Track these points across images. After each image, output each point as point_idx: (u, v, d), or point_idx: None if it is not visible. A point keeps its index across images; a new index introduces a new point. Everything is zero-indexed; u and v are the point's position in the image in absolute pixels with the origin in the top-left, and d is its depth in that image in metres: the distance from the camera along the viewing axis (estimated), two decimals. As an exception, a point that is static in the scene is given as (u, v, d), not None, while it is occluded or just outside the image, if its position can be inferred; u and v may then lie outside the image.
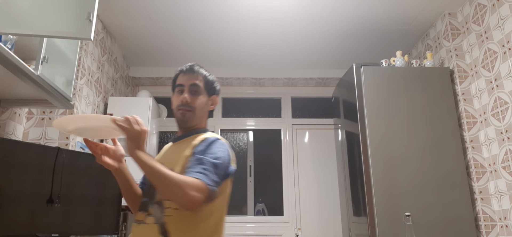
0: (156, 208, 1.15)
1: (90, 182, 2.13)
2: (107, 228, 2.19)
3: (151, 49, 3.27)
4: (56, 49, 1.83)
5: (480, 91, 2.51)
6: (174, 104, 1.31)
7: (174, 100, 1.31)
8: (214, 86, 1.35)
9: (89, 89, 2.64)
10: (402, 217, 2.25)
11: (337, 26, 2.93)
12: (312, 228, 3.43)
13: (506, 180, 2.25)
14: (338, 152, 2.97)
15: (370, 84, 2.51)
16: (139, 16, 2.76)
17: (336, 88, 3.04)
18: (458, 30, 2.73)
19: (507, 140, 2.25)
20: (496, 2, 2.35)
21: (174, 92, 1.33)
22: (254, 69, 3.65)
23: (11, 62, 1.49)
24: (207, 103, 1.32)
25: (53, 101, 1.90)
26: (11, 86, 1.77)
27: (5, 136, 2.09)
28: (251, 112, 3.85)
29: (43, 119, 2.35)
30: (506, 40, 2.27)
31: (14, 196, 1.75)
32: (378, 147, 2.38)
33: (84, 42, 2.53)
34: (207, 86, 1.32)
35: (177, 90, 1.31)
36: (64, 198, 1.95)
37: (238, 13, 2.72)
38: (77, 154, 2.15)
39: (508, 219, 2.23)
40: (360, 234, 2.43)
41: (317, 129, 3.76)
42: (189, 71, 1.30)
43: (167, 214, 1.12)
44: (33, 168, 1.85)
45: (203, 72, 1.32)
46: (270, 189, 3.59)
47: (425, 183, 2.33)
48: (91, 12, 1.40)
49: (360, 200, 2.39)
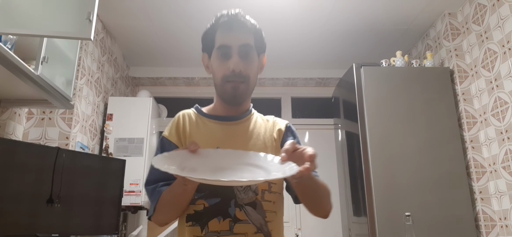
0: (251, 212, 0.90)
1: (90, 182, 2.12)
2: (107, 228, 2.19)
3: (151, 49, 3.27)
4: (56, 49, 1.83)
5: (480, 91, 2.51)
6: (219, 73, 0.95)
7: (218, 68, 0.95)
8: (263, 40, 1.03)
9: (89, 89, 2.64)
10: (402, 217, 2.24)
11: (337, 26, 2.93)
12: (312, 228, 3.43)
13: (506, 180, 2.25)
14: (338, 152, 2.97)
15: (370, 84, 2.51)
16: (139, 16, 2.76)
17: (336, 88, 3.04)
18: (458, 30, 2.73)
19: (507, 140, 2.25)
20: (496, 2, 2.35)
21: (211, 55, 0.98)
22: (254, 69, 3.65)
23: (11, 62, 1.49)
24: (257, 66, 1.00)
25: (53, 101, 1.90)
26: (11, 86, 1.77)
27: (5, 136, 2.09)
28: (251, 112, 3.85)
29: (43, 119, 2.35)
30: (506, 40, 2.27)
31: (14, 196, 1.75)
32: (378, 147, 2.38)
33: (84, 42, 2.53)
34: (257, 43, 0.99)
35: (219, 54, 0.95)
36: (64, 198, 1.95)
37: (238, 13, 2.72)
38: (77, 154, 2.15)
39: (508, 219, 2.23)
40: (360, 234, 2.43)
41: (317, 129, 3.76)
42: (237, 24, 0.95)
43: (268, 219, 0.93)
44: (33, 168, 1.85)
45: (252, 23, 0.98)
46: (270, 189, 3.58)
47: (425, 183, 2.33)
48: (91, 12, 1.40)
49: (360, 200, 2.39)
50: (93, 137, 2.72)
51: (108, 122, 2.83)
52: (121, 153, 2.74)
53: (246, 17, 0.98)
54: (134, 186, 2.68)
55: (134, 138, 2.80)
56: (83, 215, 2.06)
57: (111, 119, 2.84)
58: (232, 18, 0.96)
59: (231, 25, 0.95)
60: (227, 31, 0.95)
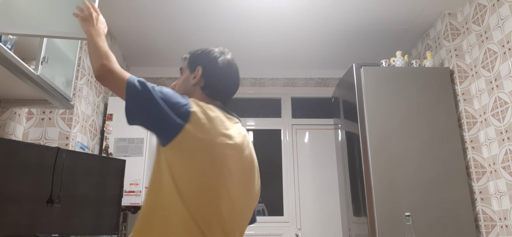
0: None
1: (90, 182, 2.13)
2: (107, 228, 2.19)
3: (151, 49, 3.27)
4: (56, 49, 1.83)
5: (480, 91, 2.51)
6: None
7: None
8: (197, 57, 1.21)
9: (89, 89, 2.64)
10: (402, 217, 2.24)
11: (337, 26, 2.93)
12: (312, 228, 3.43)
13: (506, 180, 2.25)
14: (338, 152, 2.97)
15: (370, 84, 2.51)
16: (139, 16, 2.76)
17: (336, 88, 3.04)
18: (458, 30, 2.73)
19: (507, 140, 2.25)
20: (496, 2, 2.35)
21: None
22: (254, 69, 3.65)
23: (11, 62, 1.50)
24: (187, 78, 1.20)
25: (53, 101, 1.90)
26: (11, 86, 1.77)
27: (5, 136, 2.09)
28: (251, 112, 3.85)
29: (43, 119, 2.35)
30: (506, 40, 2.27)
31: (14, 196, 1.75)
32: (378, 147, 2.38)
33: (84, 42, 2.53)
34: (190, 62, 1.22)
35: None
36: (64, 198, 1.95)
37: (239, 13, 2.72)
38: (77, 154, 2.15)
39: (508, 219, 2.23)
40: (360, 234, 2.43)
41: (317, 129, 3.77)
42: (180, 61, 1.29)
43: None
44: (33, 168, 1.85)
45: (190, 53, 1.25)
46: (270, 189, 3.59)
47: (425, 183, 2.33)
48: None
49: (360, 200, 2.39)
50: (93, 137, 2.73)
51: (108, 122, 2.83)
52: (121, 153, 2.75)
53: (191, 51, 1.26)
54: (134, 186, 2.68)
55: (134, 138, 2.80)
56: (83, 215, 2.06)
57: (111, 119, 2.85)
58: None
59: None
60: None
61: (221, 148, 1.01)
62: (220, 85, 1.18)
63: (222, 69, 1.18)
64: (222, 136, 1.03)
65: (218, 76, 1.17)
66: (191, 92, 1.18)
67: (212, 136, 1.00)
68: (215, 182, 0.98)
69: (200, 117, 1.00)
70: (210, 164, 0.98)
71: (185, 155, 0.97)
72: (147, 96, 0.98)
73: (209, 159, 0.98)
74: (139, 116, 0.99)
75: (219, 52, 1.21)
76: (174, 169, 0.97)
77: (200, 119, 1.00)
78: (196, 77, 1.17)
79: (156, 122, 0.98)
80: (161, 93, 1.00)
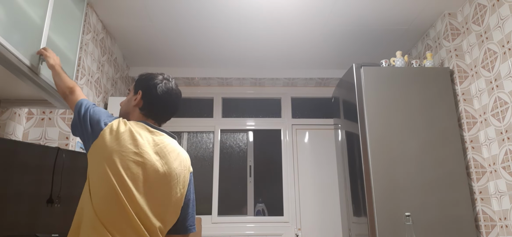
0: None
1: (90, 182, 2.12)
2: (107, 228, 2.18)
3: (151, 49, 3.27)
4: (56, 49, 1.83)
5: (480, 91, 2.51)
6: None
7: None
8: (141, 82, 1.41)
9: (89, 89, 2.64)
10: (402, 217, 2.25)
11: (337, 26, 2.93)
12: (312, 228, 3.43)
13: (506, 180, 2.25)
14: (338, 152, 2.97)
15: (370, 84, 2.51)
16: (139, 16, 2.76)
17: (336, 88, 3.04)
18: (458, 30, 2.73)
19: (507, 140, 2.25)
20: (496, 2, 2.35)
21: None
22: (254, 69, 3.65)
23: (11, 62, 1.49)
24: (130, 99, 1.41)
25: (53, 101, 1.90)
26: (11, 86, 1.77)
27: (5, 136, 2.09)
28: (251, 112, 3.85)
29: (43, 119, 2.35)
30: (506, 40, 2.27)
31: (14, 196, 1.75)
32: (378, 147, 2.38)
33: (84, 42, 2.53)
34: (135, 85, 1.42)
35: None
36: (64, 198, 1.95)
37: (238, 13, 2.72)
38: (77, 154, 2.15)
39: (508, 219, 2.23)
40: (360, 234, 2.43)
41: (317, 129, 3.77)
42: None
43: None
44: (33, 168, 1.85)
45: (138, 76, 1.45)
46: (270, 189, 3.59)
47: (425, 183, 2.33)
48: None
49: (360, 200, 2.40)
50: (93, 137, 2.72)
51: (108, 122, 2.82)
52: (121, 153, 2.74)
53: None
54: (134, 186, 2.67)
55: (134, 138, 2.79)
56: (83, 215, 2.06)
57: (111, 119, 2.84)
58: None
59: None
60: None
61: (124, 158, 1.18)
62: (155, 109, 1.37)
63: (160, 96, 1.37)
64: (127, 149, 1.20)
65: (155, 101, 1.37)
66: (131, 111, 1.39)
67: (116, 148, 1.19)
68: (116, 187, 1.14)
69: (107, 134, 1.22)
70: (112, 171, 1.15)
71: (92, 163, 1.18)
72: (81, 118, 1.29)
73: (111, 167, 1.16)
74: (77, 132, 1.30)
75: (160, 80, 1.39)
76: (89, 175, 1.18)
77: (106, 136, 1.21)
78: (136, 100, 1.39)
79: (82, 137, 1.27)
80: (91, 114, 1.28)
